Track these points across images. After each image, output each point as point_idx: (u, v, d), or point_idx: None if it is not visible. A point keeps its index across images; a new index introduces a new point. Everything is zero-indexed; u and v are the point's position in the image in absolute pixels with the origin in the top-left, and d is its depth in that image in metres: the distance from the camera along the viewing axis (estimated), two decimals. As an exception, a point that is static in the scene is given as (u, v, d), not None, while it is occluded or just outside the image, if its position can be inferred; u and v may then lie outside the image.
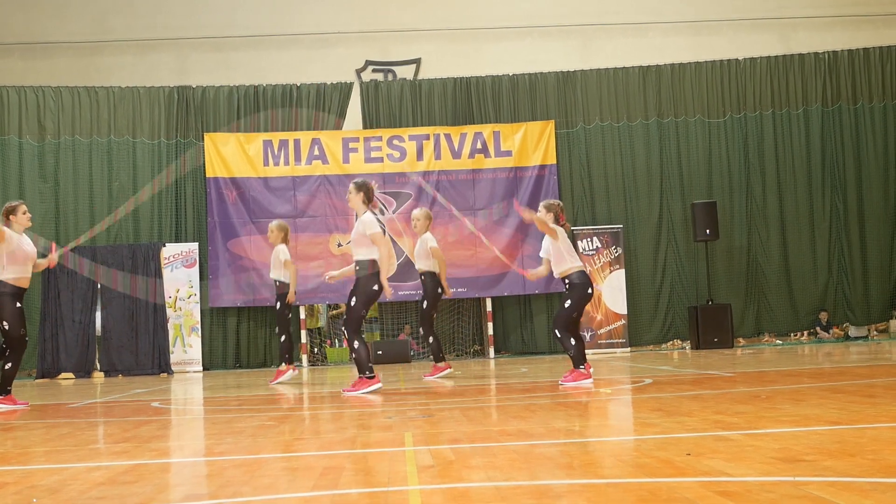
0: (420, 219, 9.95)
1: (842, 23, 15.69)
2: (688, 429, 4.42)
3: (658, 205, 15.07)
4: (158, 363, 13.88)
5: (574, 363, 7.95)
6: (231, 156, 14.55)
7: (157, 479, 3.76)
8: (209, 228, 14.43)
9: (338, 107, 15.02)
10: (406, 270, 13.94)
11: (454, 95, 15.11)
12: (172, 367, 13.93)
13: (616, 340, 14.43)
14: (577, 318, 8.11)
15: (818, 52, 15.30)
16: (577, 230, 14.48)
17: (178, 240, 14.56)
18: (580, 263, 8.09)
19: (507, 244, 14.49)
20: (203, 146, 14.61)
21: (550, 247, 8.10)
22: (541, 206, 8.26)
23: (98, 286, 14.04)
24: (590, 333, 14.27)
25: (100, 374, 13.78)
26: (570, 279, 7.99)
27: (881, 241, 15.05)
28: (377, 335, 15.17)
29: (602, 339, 14.40)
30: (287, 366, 10.28)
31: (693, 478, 3.11)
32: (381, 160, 14.69)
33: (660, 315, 14.93)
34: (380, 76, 15.45)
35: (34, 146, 14.56)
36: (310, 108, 14.97)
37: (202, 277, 14.37)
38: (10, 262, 7.71)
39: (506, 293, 14.63)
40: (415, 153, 14.68)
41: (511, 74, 15.18)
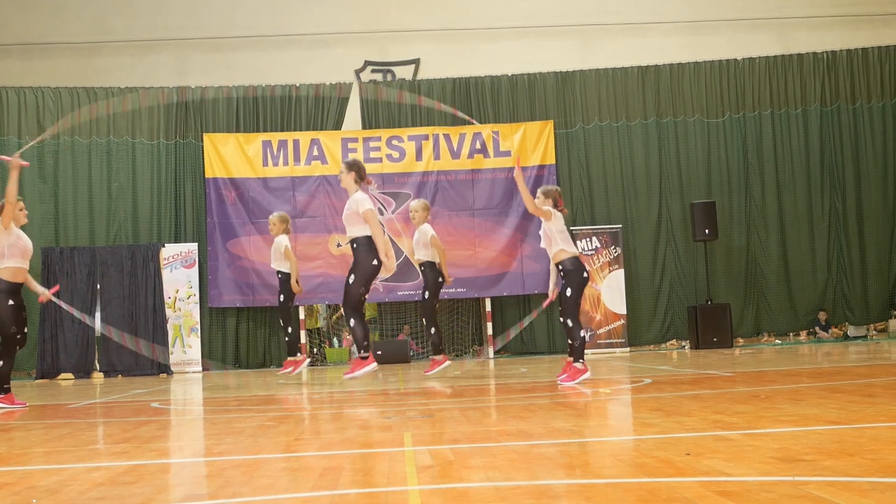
0: (418, 210, 9.95)
1: (840, 23, 15.69)
2: (687, 429, 4.42)
3: (657, 205, 15.07)
4: (158, 363, 13.88)
5: (575, 356, 7.94)
6: (230, 156, 14.55)
7: (157, 480, 3.76)
8: (208, 229, 14.43)
9: (337, 107, 15.02)
10: (405, 271, 13.93)
11: (453, 95, 15.11)
12: (172, 368, 13.94)
13: (615, 340, 14.43)
14: (580, 306, 8.10)
15: (817, 52, 15.30)
16: (577, 230, 14.47)
17: (178, 240, 14.56)
18: (574, 250, 8.06)
19: (507, 244, 14.50)
20: (202, 146, 14.61)
21: (544, 230, 8.10)
22: (539, 192, 8.23)
23: (98, 287, 14.05)
24: (589, 333, 14.27)
25: (99, 375, 13.78)
26: (564, 266, 7.95)
27: (880, 241, 15.05)
28: (376, 335, 15.17)
29: (601, 339, 14.41)
30: (302, 356, 10.30)
31: (692, 478, 3.11)
32: (381, 160, 14.69)
33: (659, 315, 14.93)
34: (379, 76, 15.46)
35: (33, 147, 14.54)
36: (309, 109, 14.98)
37: (201, 278, 14.38)
38: (9, 255, 7.71)
39: (505, 293, 14.63)
40: (414, 153, 14.68)
41: (510, 74, 15.18)
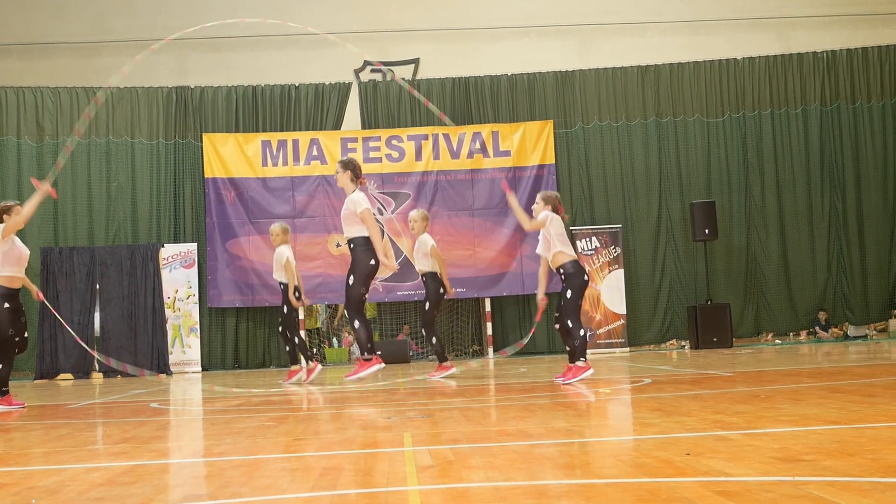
0: (417, 220, 9.93)
1: (840, 22, 15.70)
2: (687, 428, 4.42)
3: (657, 204, 15.07)
4: (157, 364, 13.88)
5: (576, 356, 7.94)
6: (229, 156, 14.54)
7: (156, 480, 3.76)
8: (208, 229, 14.42)
9: (336, 107, 15.01)
10: (405, 271, 13.92)
11: (453, 95, 15.11)
12: (171, 368, 13.94)
13: (615, 340, 14.43)
14: (580, 308, 8.11)
15: (817, 52, 15.30)
16: (576, 230, 14.48)
17: (177, 240, 14.55)
18: (573, 253, 8.09)
19: (506, 244, 14.50)
20: (202, 147, 14.61)
21: (543, 235, 8.11)
22: (538, 197, 8.27)
23: (97, 287, 14.04)
24: (589, 333, 14.25)
25: (98, 375, 13.77)
26: (564, 269, 7.99)
27: (880, 241, 15.05)
28: (376, 336, 15.15)
29: (601, 339, 14.40)
30: (314, 363, 10.19)
31: (692, 478, 3.11)
32: (380, 160, 14.69)
33: (659, 315, 14.93)
34: (378, 76, 15.45)
35: (32, 147, 14.55)
36: (308, 109, 14.97)
37: (201, 278, 14.37)
38: (5, 262, 7.70)
39: (505, 293, 14.63)
40: (413, 153, 14.67)
41: (509, 74, 15.18)
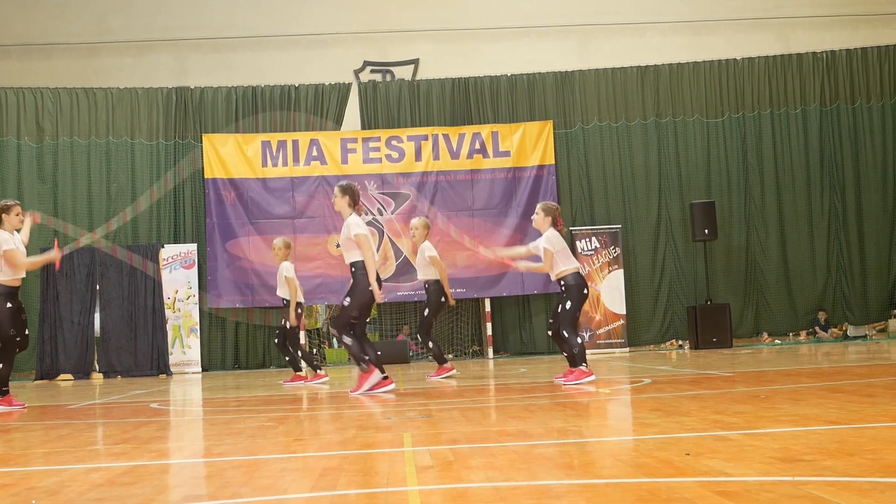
0: (418, 228, 9.92)
1: (840, 22, 15.70)
2: (687, 429, 4.42)
3: (656, 205, 15.07)
4: (157, 364, 13.88)
5: (576, 361, 7.95)
6: (229, 157, 14.54)
7: (156, 481, 3.76)
8: (208, 229, 14.42)
9: (336, 107, 15.01)
10: (405, 271, 13.93)
11: (452, 96, 15.11)
12: (171, 369, 13.93)
13: (615, 340, 14.43)
14: (577, 319, 8.15)
15: (816, 52, 15.30)
16: (576, 230, 14.48)
17: (177, 241, 14.55)
18: (576, 265, 8.12)
19: (506, 244, 14.46)
20: (201, 147, 14.60)
21: (544, 250, 8.10)
22: (538, 208, 8.26)
23: (97, 287, 14.04)
24: (589, 333, 14.27)
25: (98, 376, 13.77)
26: (566, 280, 8.02)
27: (880, 241, 15.05)
28: (376, 336, 15.17)
29: (601, 339, 14.40)
30: (322, 371, 10.13)
31: (692, 478, 3.11)
32: (380, 161, 14.68)
33: (658, 315, 14.93)
34: (378, 77, 15.45)
35: (32, 147, 14.54)
36: (308, 109, 14.97)
37: (201, 278, 14.37)
38: (5, 264, 7.70)
39: (504, 293, 14.63)
40: (413, 154, 14.67)
41: (509, 75, 15.18)
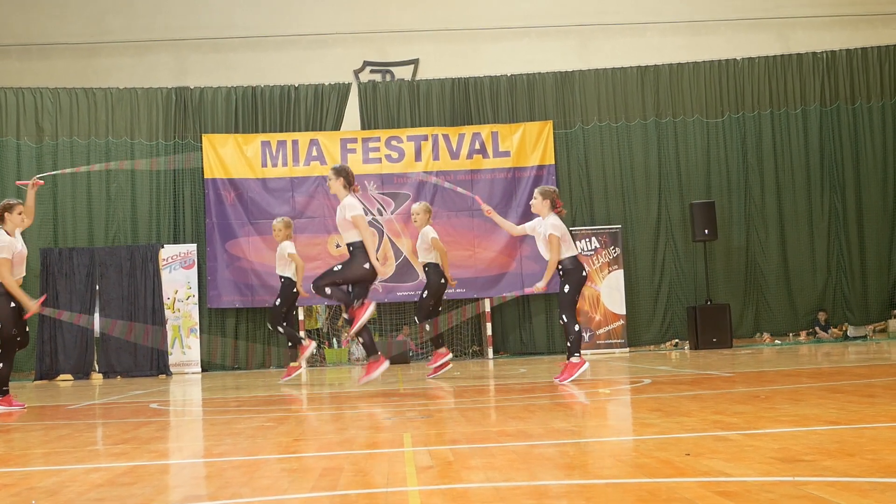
0: (420, 212, 9.99)
1: (840, 22, 15.70)
2: (687, 429, 4.42)
3: (656, 205, 15.07)
4: (157, 364, 13.88)
5: (571, 351, 8.01)
6: (229, 157, 14.54)
7: (156, 481, 3.76)
8: (207, 230, 14.42)
9: (336, 107, 15.01)
10: (405, 272, 13.93)
11: (452, 96, 15.11)
12: (171, 369, 13.93)
13: (615, 341, 14.43)
14: (576, 304, 8.19)
15: (816, 52, 15.30)
16: (576, 230, 14.47)
17: (177, 241, 14.55)
18: (573, 251, 8.21)
19: (506, 244, 14.49)
20: (201, 147, 14.60)
21: (541, 236, 8.18)
22: (536, 192, 8.38)
23: (97, 288, 14.04)
24: (588, 334, 14.27)
25: (98, 376, 13.77)
26: (563, 265, 8.11)
27: (880, 241, 15.05)
28: (375, 336, 15.14)
29: (601, 340, 14.40)
30: (308, 341, 10.40)
31: (692, 478, 3.11)
32: (380, 161, 14.69)
33: (658, 315, 14.93)
34: (378, 77, 15.45)
35: (32, 148, 14.54)
36: (308, 109, 14.97)
37: (200, 278, 14.37)
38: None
39: (504, 293, 14.62)
40: (413, 154, 14.67)
41: (509, 75, 15.18)
